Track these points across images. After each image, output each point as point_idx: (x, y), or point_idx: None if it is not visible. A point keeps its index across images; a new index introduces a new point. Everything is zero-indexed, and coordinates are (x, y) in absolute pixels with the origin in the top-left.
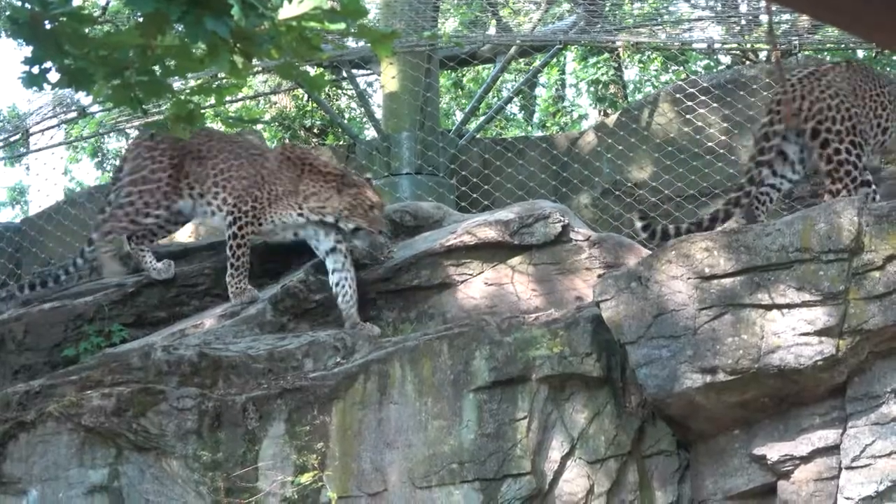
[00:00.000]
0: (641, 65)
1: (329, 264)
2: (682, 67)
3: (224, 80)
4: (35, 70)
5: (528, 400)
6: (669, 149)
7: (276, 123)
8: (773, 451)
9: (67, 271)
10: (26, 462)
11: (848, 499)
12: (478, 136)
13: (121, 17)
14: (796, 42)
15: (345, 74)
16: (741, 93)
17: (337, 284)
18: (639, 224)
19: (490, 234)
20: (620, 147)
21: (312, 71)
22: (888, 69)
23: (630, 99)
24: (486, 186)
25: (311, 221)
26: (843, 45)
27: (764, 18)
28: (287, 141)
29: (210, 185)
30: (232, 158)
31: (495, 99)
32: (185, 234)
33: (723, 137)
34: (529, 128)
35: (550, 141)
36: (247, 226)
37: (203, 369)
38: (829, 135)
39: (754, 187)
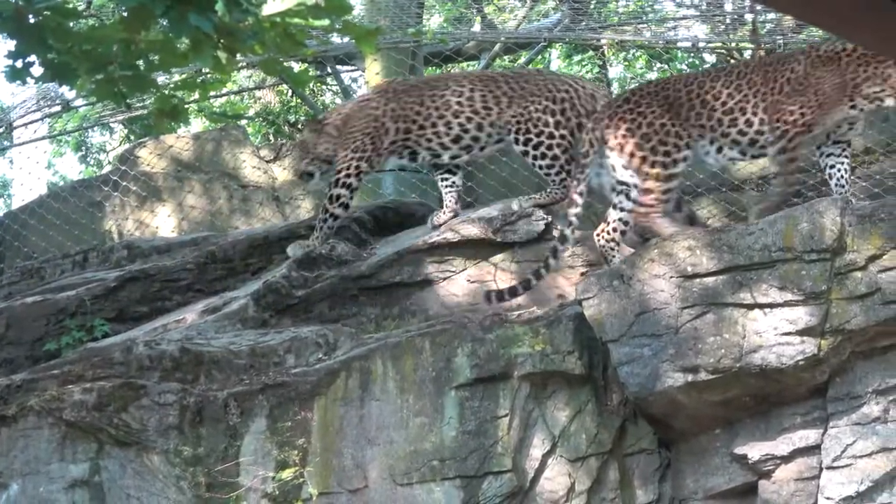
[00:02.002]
0: (626, 63)
1: None
2: (666, 66)
3: (208, 76)
4: (19, 64)
5: (509, 397)
6: None
7: (261, 119)
8: (754, 451)
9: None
10: (7, 456)
11: (829, 499)
12: None
13: (105, 11)
14: (781, 41)
15: (329, 70)
16: None
17: None
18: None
19: (473, 231)
20: None
21: (297, 67)
22: None
23: (614, 97)
24: (469, 183)
25: None
26: None
27: (749, 17)
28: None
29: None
30: None
31: None
32: (167, 229)
33: None
34: None
35: None
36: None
37: (185, 364)
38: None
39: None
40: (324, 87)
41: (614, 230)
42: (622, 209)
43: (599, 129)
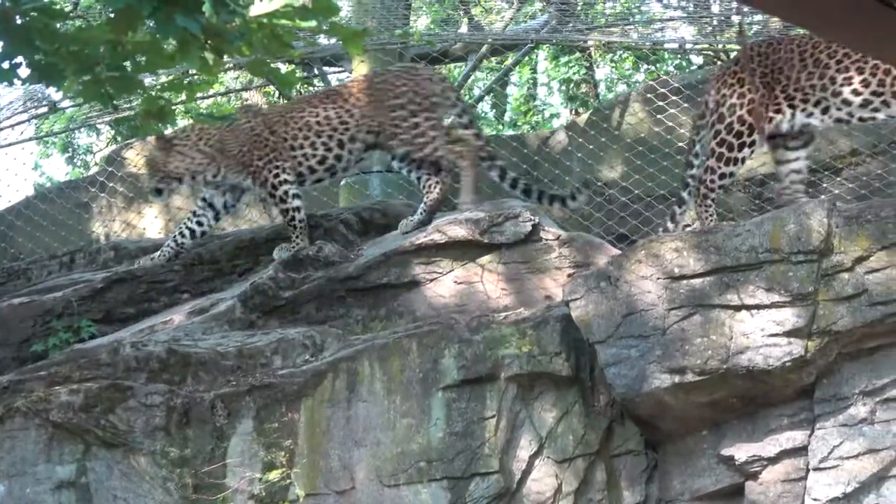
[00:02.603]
0: (613, 64)
1: None
2: (653, 67)
3: (195, 77)
4: (6, 65)
5: (496, 399)
6: (640, 149)
7: None
8: (741, 452)
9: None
10: None
11: (815, 500)
12: None
13: (92, 12)
14: None
15: (316, 72)
16: None
17: None
18: None
19: (460, 232)
20: (591, 146)
21: (284, 68)
22: None
23: (601, 98)
24: (456, 185)
25: None
26: None
27: (735, 19)
28: None
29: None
30: None
31: (467, 97)
32: (154, 231)
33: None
34: (500, 126)
35: (521, 140)
36: None
37: (172, 366)
38: None
39: None
40: (311, 88)
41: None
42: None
43: (713, 88)
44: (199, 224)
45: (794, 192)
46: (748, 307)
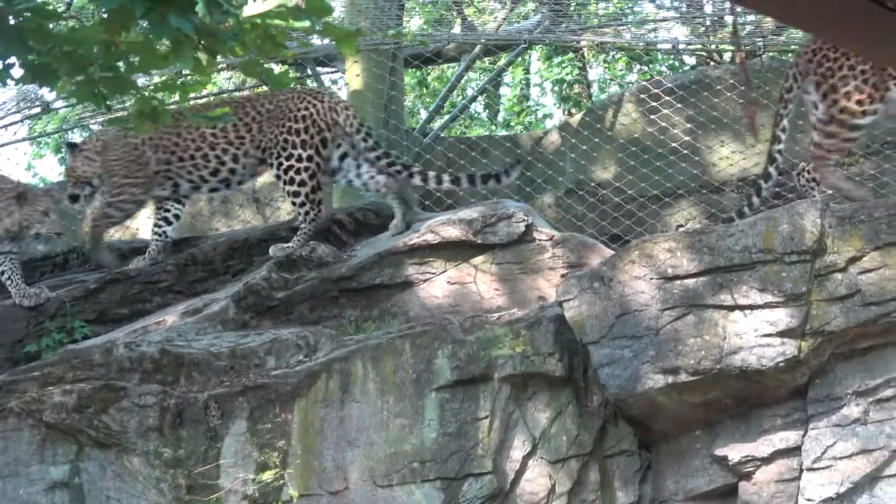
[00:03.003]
0: (606, 65)
1: None
2: (646, 68)
3: (188, 77)
4: None
5: (489, 399)
6: (633, 149)
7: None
8: (735, 452)
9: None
10: None
11: (809, 500)
12: (442, 134)
13: (85, 13)
14: (761, 43)
15: (309, 72)
16: (705, 93)
17: None
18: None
19: (453, 233)
20: (584, 147)
21: (277, 68)
22: None
23: (594, 99)
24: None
25: None
26: None
27: (729, 19)
28: None
29: None
30: None
31: (460, 98)
32: (148, 231)
33: (687, 138)
34: (494, 127)
35: (514, 140)
36: None
37: (165, 366)
38: None
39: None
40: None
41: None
42: None
43: (802, 62)
44: (168, 210)
45: None
46: (741, 307)
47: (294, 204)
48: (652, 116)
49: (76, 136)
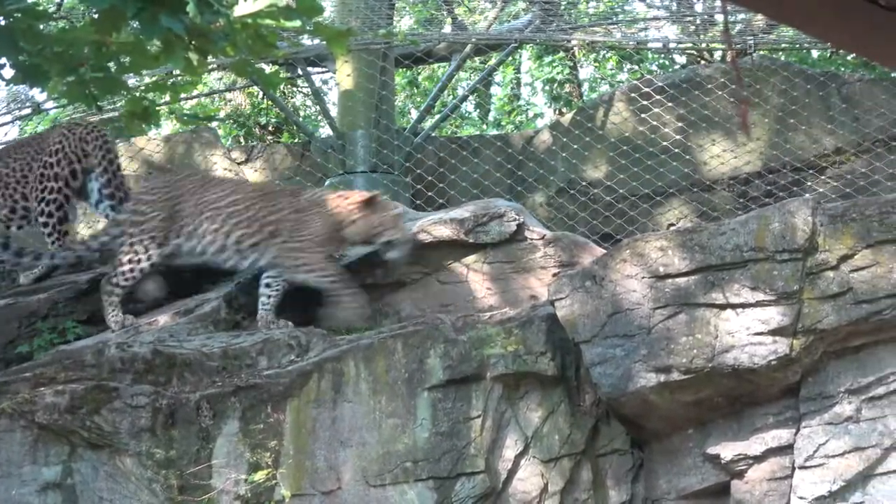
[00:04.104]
0: (597, 63)
1: None
2: (637, 67)
3: (179, 78)
4: None
5: (482, 398)
6: (624, 148)
7: (231, 121)
8: (727, 451)
9: None
10: None
11: (801, 498)
12: (433, 134)
13: (76, 13)
14: (751, 42)
15: (300, 72)
16: (696, 92)
17: None
18: None
19: (445, 232)
20: (575, 146)
21: (268, 68)
22: (843, 69)
23: (585, 98)
24: (441, 185)
25: None
26: (798, 45)
27: (719, 18)
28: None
29: None
30: None
31: (451, 97)
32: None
33: (678, 137)
34: (485, 126)
35: (506, 139)
36: None
37: (157, 367)
38: None
39: None
40: (295, 88)
41: None
42: None
43: None
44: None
45: None
46: (733, 306)
47: (43, 234)
48: (643, 115)
49: None
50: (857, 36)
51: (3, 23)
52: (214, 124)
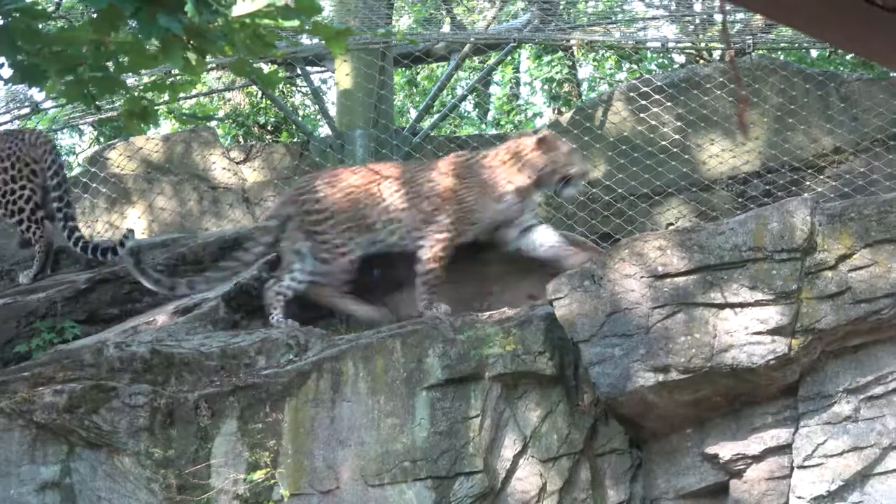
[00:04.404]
0: (595, 63)
1: None
2: (636, 66)
3: (178, 77)
4: None
5: (480, 398)
6: (623, 147)
7: (230, 120)
8: (726, 450)
9: None
10: None
11: (800, 498)
12: (432, 133)
13: (74, 13)
14: (750, 41)
15: (299, 71)
16: (695, 92)
17: None
18: None
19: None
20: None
21: (266, 68)
22: (842, 69)
23: (584, 97)
24: None
25: None
26: (797, 45)
27: (718, 18)
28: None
29: None
30: None
31: (449, 97)
32: (138, 231)
33: (677, 136)
34: (483, 126)
35: (504, 139)
36: None
37: (155, 366)
38: None
39: None
40: (293, 88)
41: None
42: None
43: None
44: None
45: None
46: (732, 305)
47: (21, 232)
48: (641, 115)
49: (66, 137)
50: (855, 36)
51: (1, 22)
52: (213, 123)
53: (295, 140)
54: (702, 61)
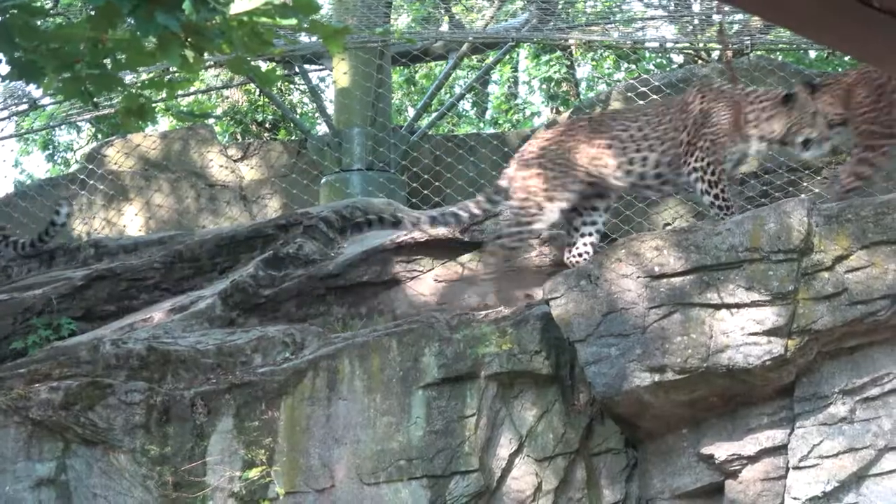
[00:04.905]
0: (594, 63)
1: None
2: (634, 66)
3: (175, 75)
4: None
5: (476, 397)
6: None
7: (228, 118)
8: (721, 451)
9: None
10: None
11: (795, 499)
12: (429, 132)
13: (72, 10)
14: (748, 42)
15: (297, 70)
16: None
17: None
18: None
19: (440, 230)
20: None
21: (264, 66)
22: (839, 70)
23: (582, 97)
24: (437, 183)
25: None
26: (794, 46)
27: (716, 18)
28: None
29: None
30: None
31: (447, 95)
32: (135, 228)
33: None
34: (481, 125)
35: (502, 138)
36: None
37: (152, 363)
38: None
39: None
40: (291, 86)
41: None
42: None
43: None
44: None
45: None
46: (728, 306)
47: None
48: None
49: (63, 134)
50: (850, 37)
51: None
52: (211, 121)
53: (293, 138)
54: (700, 62)
